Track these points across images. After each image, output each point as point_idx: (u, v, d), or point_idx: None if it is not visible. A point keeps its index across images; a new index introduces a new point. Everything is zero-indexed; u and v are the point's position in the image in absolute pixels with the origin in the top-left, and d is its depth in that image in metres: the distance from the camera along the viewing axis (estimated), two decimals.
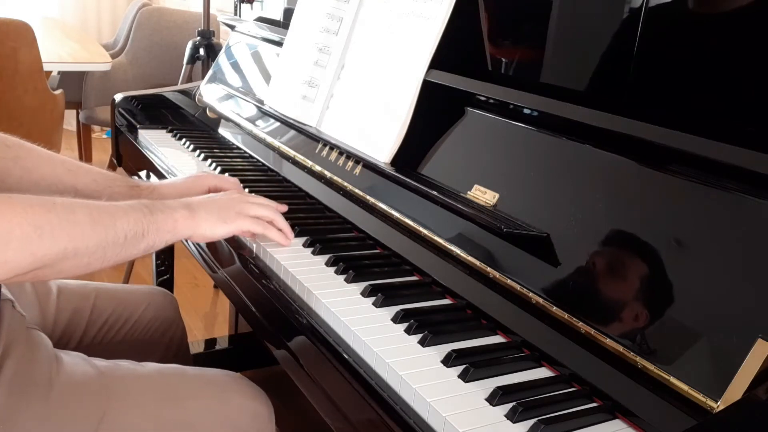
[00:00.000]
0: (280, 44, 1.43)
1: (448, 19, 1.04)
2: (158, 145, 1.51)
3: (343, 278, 0.90)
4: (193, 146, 1.50)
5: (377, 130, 1.10)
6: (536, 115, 0.91)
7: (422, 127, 1.05)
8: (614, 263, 0.74)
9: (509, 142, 0.93)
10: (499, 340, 0.80)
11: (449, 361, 0.73)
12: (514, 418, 0.65)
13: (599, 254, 0.76)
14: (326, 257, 0.95)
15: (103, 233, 0.78)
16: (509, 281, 0.81)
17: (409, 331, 0.78)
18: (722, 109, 0.79)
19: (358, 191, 1.08)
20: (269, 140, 1.36)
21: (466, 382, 0.70)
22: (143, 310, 1.19)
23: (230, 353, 1.86)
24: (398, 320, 0.80)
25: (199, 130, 1.66)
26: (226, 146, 1.53)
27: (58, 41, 3.25)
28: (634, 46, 0.85)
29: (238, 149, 1.49)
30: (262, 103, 1.40)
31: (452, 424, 0.63)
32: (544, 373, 0.74)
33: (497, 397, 0.67)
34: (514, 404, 0.66)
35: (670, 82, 0.83)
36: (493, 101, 0.97)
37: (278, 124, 1.36)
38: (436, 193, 0.92)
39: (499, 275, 0.82)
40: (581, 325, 0.72)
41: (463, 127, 1.00)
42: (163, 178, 1.35)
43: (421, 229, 0.95)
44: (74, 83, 3.35)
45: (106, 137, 4.50)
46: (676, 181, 0.72)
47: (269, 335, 0.90)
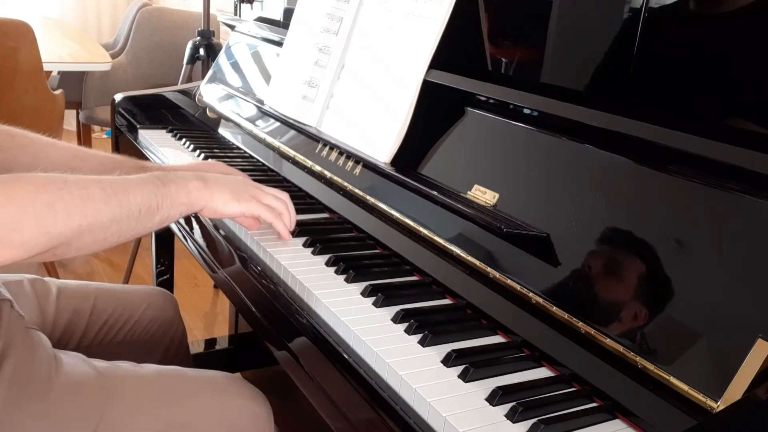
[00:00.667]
0: (280, 44, 1.43)
1: (448, 19, 1.04)
2: (158, 145, 1.51)
3: (343, 278, 0.90)
4: (193, 146, 1.50)
5: (377, 130, 1.10)
6: (536, 115, 0.91)
7: (422, 127, 1.05)
8: (614, 263, 0.74)
9: (509, 142, 0.93)
10: (499, 340, 0.80)
11: (449, 361, 0.73)
12: (514, 418, 0.65)
13: (599, 254, 0.76)
14: (326, 257, 0.95)
15: (117, 208, 0.78)
16: (509, 281, 0.81)
17: (409, 331, 0.78)
18: (722, 109, 0.79)
19: (358, 191, 1.08)
20: (269, 140, 1.36)
21: (466, 382, 0.70)
22: (143, 310, 1.19)
23: (230, 353, 1.86)
24: (398, 320, 0.80)
25: (199, 130, 1.66)
26: (226, 146, 1.53)
27: (58, 41, 3.25)
28: (634, 46, 0.85)
29: (238, 149, 1.49)
30: (262, 103, 1.40)
31: (452, 424, 0.63)
32: (544, 373, 0.74)
33: (497, 397, 0.67)
34: (514, 404, 0.66)
35: (670, 82, 0.83)
36: (493, 101, 0.97)
37: (278, 124, 1.36)
38: (436, 193, 0.92)
39: (499, 275, 0.82)
40: (581, 325, 0.72)
41: (463, 127, 1.00)
42: None
43: (421, 229, 0.95)
44: (74, 83, 3.35)
45: (106, 137, 4.51)
46: (676, 181, 0.72)
47: (269, 335, 0.90)
